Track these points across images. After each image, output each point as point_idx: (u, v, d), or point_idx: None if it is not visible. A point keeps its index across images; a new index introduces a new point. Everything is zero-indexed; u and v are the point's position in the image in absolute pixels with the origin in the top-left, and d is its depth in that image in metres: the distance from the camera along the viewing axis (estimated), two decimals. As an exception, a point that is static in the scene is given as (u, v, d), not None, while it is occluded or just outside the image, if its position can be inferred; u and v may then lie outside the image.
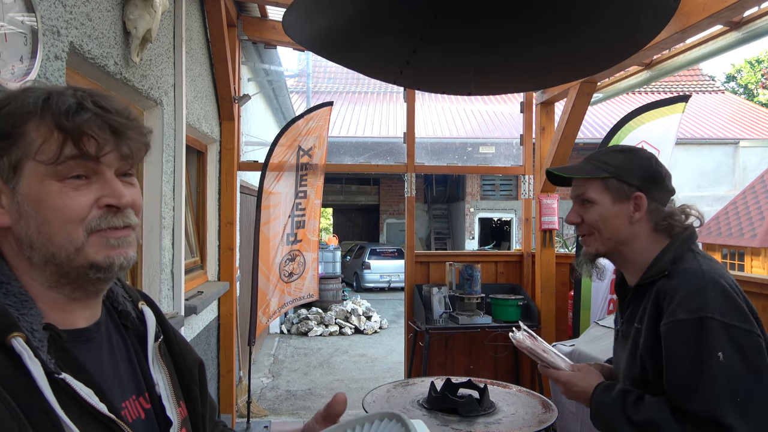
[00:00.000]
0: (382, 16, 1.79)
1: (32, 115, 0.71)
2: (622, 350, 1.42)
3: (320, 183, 4.64)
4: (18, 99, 0.72)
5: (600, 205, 1.38)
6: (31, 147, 0.70)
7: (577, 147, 8.29)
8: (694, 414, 1.18)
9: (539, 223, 4.53)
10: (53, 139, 0.70)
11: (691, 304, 1.21)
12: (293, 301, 4.60)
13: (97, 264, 0.73)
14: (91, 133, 0.71)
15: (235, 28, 4.46)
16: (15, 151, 0.70)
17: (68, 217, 0.71)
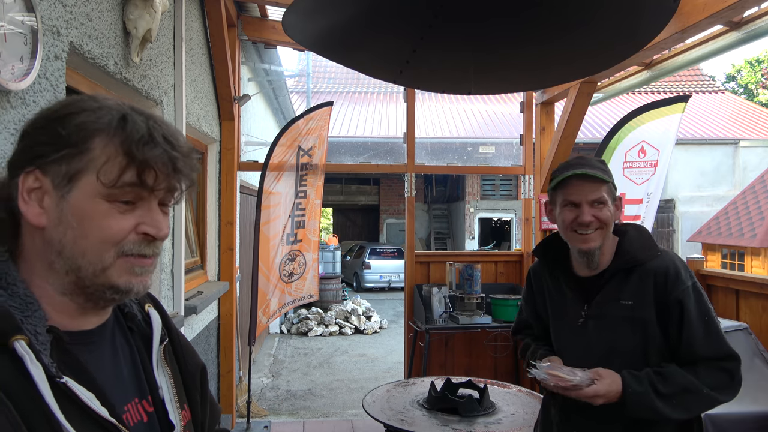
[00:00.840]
0: (382, 16, 1.79)
1: (103, 133, 0.72)
2: (597, 331, 1.60)
3: (320, 183, 4.64)
4: (91, 112, 0.73)
5: (608, 205, 1.58)
6: (92, 163, 0.71)
7: (577, 147, 8.29)
8: (707, 358, 1.48)
9: (539, 223, 4.53)
10: (116, 162, 0.72)
11: (686, 274, 1.54)
12: (294, 301, 4.60)
13: (116, 287, 0.74)
14: (155, 168, 0.73)
15: (235, 28, 4.46)
16: (76, 163, 0.71)
17: (108, 238, 0.72)
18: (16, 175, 0.72)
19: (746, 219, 9.72)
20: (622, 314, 1.55)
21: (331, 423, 4.82)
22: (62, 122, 0.72)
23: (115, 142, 0.72)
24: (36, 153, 0.72)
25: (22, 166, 0.72)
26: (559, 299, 1.72)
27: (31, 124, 0.74)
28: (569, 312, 1.67)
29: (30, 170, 0.71)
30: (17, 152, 0.74)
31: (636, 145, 3.81)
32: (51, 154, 0.71)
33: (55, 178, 0.71)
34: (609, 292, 1.59)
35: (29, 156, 0.72)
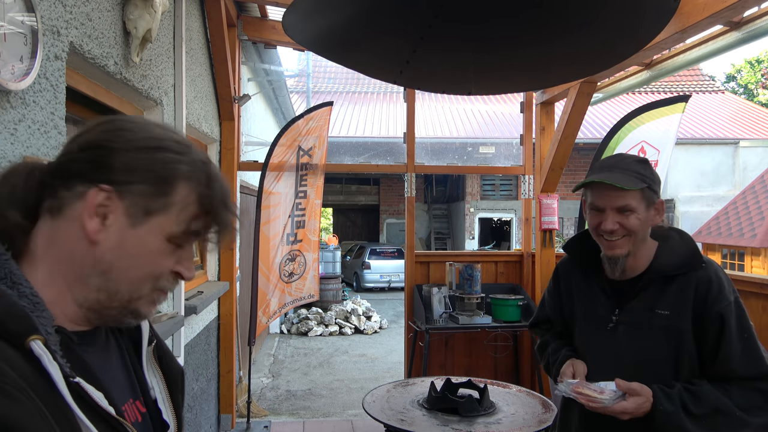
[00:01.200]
0: (382, 16, 1.79)
1: (188, 182, 0.76)
2: (627, 338, 1.53)
3: (320, 183, 4.64)
4: (179, 154, 0.77)
5: (638, 212, 1.50)
6: (171, 207, 0.75)
7: (577, 147, 8.29)
8: (743, 377, 1.43)
9: (539, 223, 4.53)
10: (191, 212, 0.77)
11: (729, 288, 1.48)
12: (294, 301, 4.60)
13: (139, 313, 0.78)
14: (221, 227, 0.81)
15: (235, 28, 4.46)
16: (157, 202, 0.75)
17: (155, 273, 0.76)
18: (80, 184, 0.73)
19: (746, 219, 9.72)
20: (657, 323, 1.49)
21: (331, 423, 4.82)
22: (150, 155, 0.75)
23: (196, 195, 0.77)
24: (116, 176, 0.73)
25: (94, 180, 0.72)
26: (588, 300, 1.65)
27: (110, 140, 0.75)
28: (599, 315, 1.61)
29: (105, 188, 0.72)
30: (86, 161, 0.74)
31: (636, 145, 3.81)
32: (133, 184, 0.73)
33: (130, 207, 0.74)
34: (644, 299, 1.53)
35: (105, 174, 0.73)
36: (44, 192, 0.74)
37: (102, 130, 0.76)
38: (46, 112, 1.68)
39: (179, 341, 3.08)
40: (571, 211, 13.21)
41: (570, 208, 13.16)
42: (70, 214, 0.73)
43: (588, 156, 12.46)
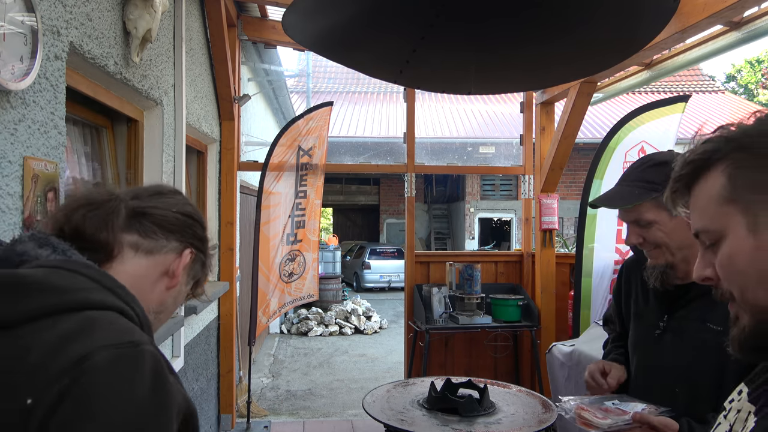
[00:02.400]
0: (382, 16, 1.79)
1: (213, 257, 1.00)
2: (673, 347, 1.42)
3: (320, 183, 4.64)
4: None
5: (660, 223, 1.38)
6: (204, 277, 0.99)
7: (577, 147, 8.29)
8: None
9: (539, 223, 4.53)
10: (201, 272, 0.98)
11: None
12: (293, 301, 4.59)
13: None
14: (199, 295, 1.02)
15: (235, 28, 4.46)
16: (203, 270, 0.97)
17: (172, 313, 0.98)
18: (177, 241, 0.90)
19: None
20: (707, 337, 1.35)
21: (331, 423, 4.82)
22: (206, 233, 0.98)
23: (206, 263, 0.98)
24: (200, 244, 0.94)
25: (188, 242, 0.92)
26: (642, 302, 1.57)
27: (198, 216, 0.96)
28: (648, 319, 1.52)
29: (194, 252, 0.92)
30: (185, 225, 0.92)
31: (636, 145, 3.80)
32: (201, 254, 0.95)
33: (192, 270, 0.94)
34: (695, 310, 1.40)
35: (195, 241, 0.93)
36: (132, 228, 0.86)
37: (194, 207, 0.96)
38: (46, 112, 1.68)
39: (179, 341, 3.08)
40: (571, 211, 13.20)
41: (570, 208, 13.16)
42: (161, 260, 0.88)
43: (588, 156, 12.44)
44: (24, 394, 0.59)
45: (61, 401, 0.59)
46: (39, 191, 1.64)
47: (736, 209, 0.66)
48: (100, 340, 0.63)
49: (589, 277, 3.76)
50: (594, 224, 3.80)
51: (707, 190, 0.69)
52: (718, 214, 0.68)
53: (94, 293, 0.69)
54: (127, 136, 2.76)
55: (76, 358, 0.61)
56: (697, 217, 0.71)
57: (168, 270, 0.88)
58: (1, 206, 1.49)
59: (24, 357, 0.61)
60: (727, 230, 0.67)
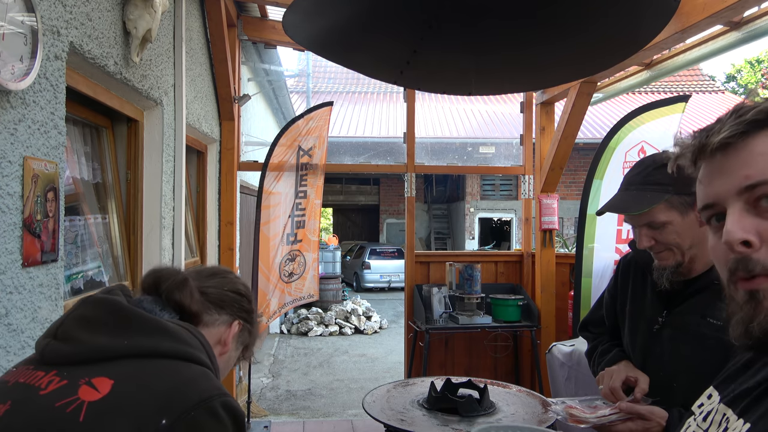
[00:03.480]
0: (382, 16, 1.79)
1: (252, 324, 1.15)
2: (672, 342, 1.42)
3: (320, 183, 4.64)
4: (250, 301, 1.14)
5: (673, 224, 1.37)
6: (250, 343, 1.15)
7: (577, 147, 8.29)
8: None
9: (539, 223, 4.53)
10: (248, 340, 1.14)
11: None
12: (293, 301, 4.59)
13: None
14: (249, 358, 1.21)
15: (235, 28, 4.46)
16: (250, 337, 1.14)
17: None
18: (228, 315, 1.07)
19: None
20: (707, 332, 1.35)
21: (331, 423, 4.82)
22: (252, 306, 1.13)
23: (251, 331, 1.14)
24: (246, 317, 1.10)
25: (236, 315, 1.08)
26: (639, 298, 1.56)
27: (246, 293, 1.12)
28: (646, 315, 1.51)
29: (242, 324, 1.09)
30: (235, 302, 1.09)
31: (636, 145, 3.80)
32: (249, 324, 1.11)
33: (241, 338, 1.11)
34: (695, 304, 1.39)
35: (243, 314, 1.10)
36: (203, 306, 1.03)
37: (235, 279, 1.12)
38: (46, 112, 1.68)
39: (179, 341, 3.07)
40: (571, 211, 13.21)
41: (570, 208, 13.16)
42: (215, 331, 1.05)
43: (588, 156, 12.45)
44: (161, 414, 0.76)
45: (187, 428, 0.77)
46: (39, 191, 1.64)
47: None
48: (214, 389, 0.83)
49: (589, 277, 3.76)
50: (594, 224, 3.80)
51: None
52: None
53: (203, 355, 0.90)
54: (127, 136, 2.76)
55: (204, 398, 0.80)
56: (753, 164, 0.61)
57: (221, 339, 1.05)
58: (1, 206, 1.49)
59: (160, 383, 0.80)
60: None
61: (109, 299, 0.88)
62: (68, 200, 2.17)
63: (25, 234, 1.58)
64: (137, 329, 0.85)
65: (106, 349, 0.82)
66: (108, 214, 2.65)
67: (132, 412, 0.76)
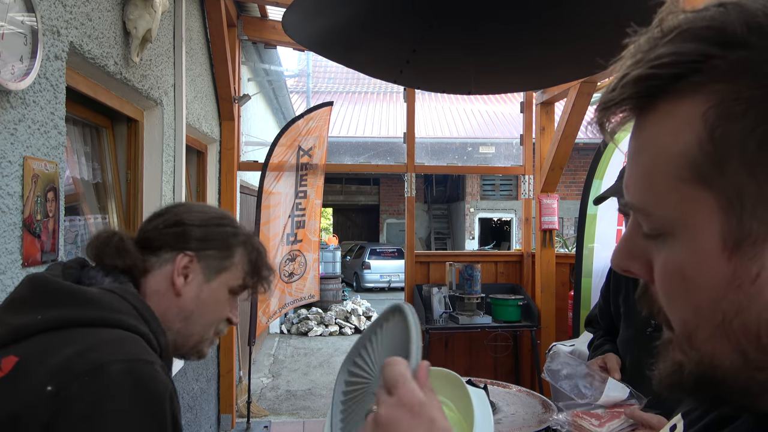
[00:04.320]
0: (382, 16, 1.79)
1: (243, 248, 1.03)
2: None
3: (320, 183, 4.64)
4: (235, 229, 1.04)
5: None
6: (233, 267, 1.02)
7: (577, 147, 8.28)
8: None
9: (539, 223, 4.53)
10: (244, 270, 1.03)
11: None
12: (294, 301, 4.59)
13: (202, 353, 1.04)
14: (264, 283, 1.08)
15: (235, 28, 4.46)
16: (224, 262, 1.01)
17: (220, 318, 1.03)
18: (167, 252, 0.98)
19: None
20: None
21: (331, 423, 4.81)
22: (217, 229, 1.01)
23: (247, 258, 1.03)
24: (195, 244, 0.99)
25: (179, 248, 0.98)
26: (633, 300, 1.57)
27: (187, 219, 1.00)
28: (639, 317, 1.53)
29: (188, 254, 0.97)
30: (171, 234, 0.98)
31: (636, 145, 3.81)
32: (207, 250, 0.99)
33: (205, 267, 0.99)
34: None
35: (187, 243, 0.98)
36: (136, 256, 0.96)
37: (179, 211, 1.02)
38: (46, 112, 1.68)
39: (179, 341, 3.08)
40: (571, 211, 13.21)
41: (570, 208, 13.16)
42: (161, 273, 0.97)
43: (588, 156, 12.45)
44: (49, 382, 0.72)
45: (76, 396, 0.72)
46: (39, 191, 1.64)
47: (711, 198, 0.37)
48: (118, 353, 0.78)
49: (589, 277, 3.76)
50: (594, 224, 3.80)
51: (665, 138, 0.39)
52: (673, 194, 0.39)
53: (130, 318, 0.85)
54: (127, 136, 2.76)
55: (101, 362, 0.75)
56: (637, 183, 0.43)
57: (172, 281, 0.97)
58: (1, 206, 1.49)
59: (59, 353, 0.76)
60: (683, 224, 0.39)
61: (37, 277, 0.87)
62: (68, 200, 2.17)
63: (25, 234, 1.58)
64: (56, 302, 0.82)
65: (24, 327, 0.80)
66: (108, 214, 2.65)
67: (24, 386, 0.73)
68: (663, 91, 0.39)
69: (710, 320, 0.39)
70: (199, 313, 0.98)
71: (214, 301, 1.00)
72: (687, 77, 0.38)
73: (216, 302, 1.00)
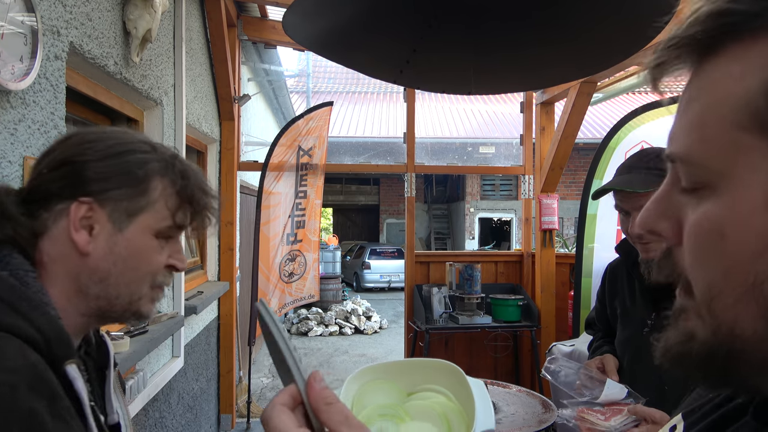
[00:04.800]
0: (382, 16, 1.79)
1: (162, 177, 0.80)
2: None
3: (320, 183, 4.64)
4: (147, 153, 0.80)
5: None
6: (152, 204, 0.79)
7: (577, 147, 8.28)
8: None
9: (539, 223, 4.53)
10: (171, 205, 0.80)
11: None
12: (294, 301, 4.59)
13: (141, 314, 0.82)
14: (203, 213, 0.84)
15: (235, 28, 4.46)
16: (136, 202, 0.78)
17: (151, 271, 0.80)
18: (59, 203, 0.75)
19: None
20: None
21: (331, 423, 4.81)
22: (120, 159, 0.77)
23: (172, 188, 0.80)
24: (92, 187, 0.75)
25: (72, 195, 0.75)
26: (629, 301, 1.58)
27: (78, 155, 0.77)
28: (636, 318, 1.52)
29: (85, 201, 0.75)
30: (59, 180, 0.76)
31: (636, 145, 3.80)
32: (111, 191, 0.76)
33: (113, 213, 0.76)
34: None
35: (81, 187, 0.75)
36: (22, 216, 0.74)
37: (67, 146, 0.78)
38: (46, 112, 1.68)
39: (179, 341, 3.08)
40: (571, 211, 13.21)
41: (570, 208, 13.16)
42: (57, 232, 0.75)
43: (588, 156, 12.45)
44: None
45: None
46: (39, 191, 1.64)
47: (762, 145, 0.35)
48: None
49: (589, 277, 3.76)
50: (594, 224, 3.80)
51: (728, 82, 0.37)
52: (724, 142, 0.37)
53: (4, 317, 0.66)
54: (127, 136, 2.75)
55: None
56: (685, 129, 0.41)
57: (70, 236, 0.75)
58: (1, 206, 1.48)
59: None
60: (730, 175, 0.37)
61: None
62: (68, 200, 2.16)
63: (25, 234, 1.58)
64: None
65: None
66: (108, 214, 2.64)
67: None
68: (736, 30, 0.36)
69: (740, 283, 0.37)
70: (119, 270, 0.77)
71: (137, 253, 0.78)
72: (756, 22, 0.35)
73: (139, 253, 0.78)
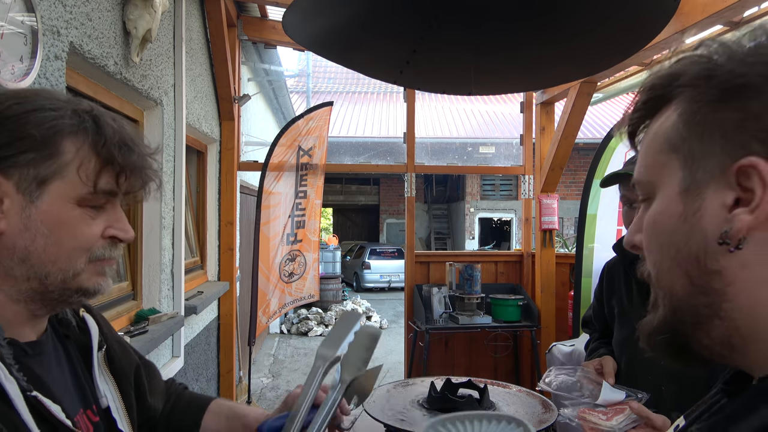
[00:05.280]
0: (382, 17, 1.79)
1: (74, 135, 0.68)
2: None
3: (320, 183, 4.64)
4: (54, 111, 0.68)
5: None
6: (65, 168, 0.67)
7: (577, 147, 8.27)
8: None
9: (539, 223, 4.53)
10: (91, 166, 0.69)
11: None
12: (294, 301, 4.59)
13: (86, 290, 0.72)
14: (131, 172, 0.72)
15: (235, 28, 4.46)
16: (46, 166, 0.66)
17: (82, 244, 0.70)
18: None
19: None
20: None
21: (331, 423, 4.81)
22: (22, 120, 0.66)
23: (89, 145, 0.69)
24: (8, 153, 0.65)
25: None
26: (627, 300, 1.57)
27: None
28: (633, 318, 1.52)
29: (11, 167, 0.65)
30: None
31: (636, 145, 3.81)
32: (14, 157, 0.65)
33: (21, 183, 0.66)
34: None
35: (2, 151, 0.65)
36: None
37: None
38: (46, 112, 1.68)
39: (179, 341, 3.08)
40: (571, 211, 13.21)
41: (570, 208, 13.16)
42: None
43: (588, 156, 12.45)
44: None
45: None
46: (39, 191, 1.64)
47: (677, 159, 0.50)
48: None
49: (589, 277, 3.76)
50: (594, 224, 3.81)
51: (656, 130, 0.53)
52: (657, 163, 0.52)
53: None
54: (127, 136, 2.75)
55: None
56: (638, 164, 0.56)
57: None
58: (1, 206, 1.48)
59: None
60: (660, 184, 0.52)
61: None
62: (68, 200, 2.16)
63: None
64: None
65: None
66: (108, 214, 2.64)
67: None
68: (665, 96, 0.53)
69: (671, 255, 0.50)
70: (40, 247, 0.67)
71: (57, 225, 0.67)
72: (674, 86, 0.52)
73: (60, 225, 0.68)
